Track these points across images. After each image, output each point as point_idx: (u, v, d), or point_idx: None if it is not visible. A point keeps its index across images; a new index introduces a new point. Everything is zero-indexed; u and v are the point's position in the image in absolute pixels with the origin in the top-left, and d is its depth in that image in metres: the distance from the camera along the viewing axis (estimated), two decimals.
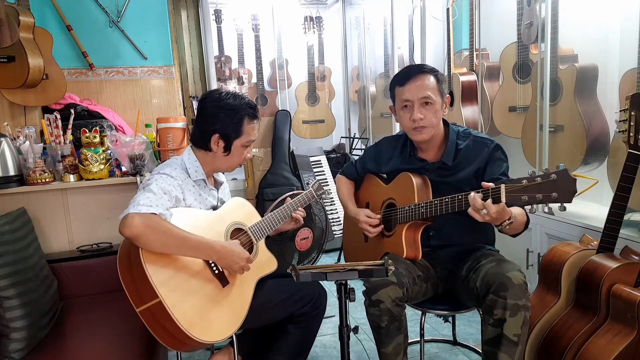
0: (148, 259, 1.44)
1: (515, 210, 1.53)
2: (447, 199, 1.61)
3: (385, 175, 2.00)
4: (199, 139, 1.71)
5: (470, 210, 1.47)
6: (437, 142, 1.80)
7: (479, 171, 1.75)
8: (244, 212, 1.82)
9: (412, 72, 1.74)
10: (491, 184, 1.45)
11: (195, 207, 1.68)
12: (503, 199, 1.42)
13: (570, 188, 1.34)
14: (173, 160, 1.73)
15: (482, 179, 1.70)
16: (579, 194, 1.37)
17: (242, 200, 1.87)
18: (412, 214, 1.73)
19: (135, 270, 1.44)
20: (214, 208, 1.78)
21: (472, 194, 1.46)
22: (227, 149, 1.70)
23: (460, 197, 1.56)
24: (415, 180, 1.76)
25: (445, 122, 1.82)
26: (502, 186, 1.43)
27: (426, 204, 1.68)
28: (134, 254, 1.45)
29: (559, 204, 1.39)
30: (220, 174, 1.90)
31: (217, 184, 1.85)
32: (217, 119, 1.66)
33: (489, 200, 1.42)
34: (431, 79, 1.72)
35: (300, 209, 1.92)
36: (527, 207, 1.43)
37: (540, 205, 2.26)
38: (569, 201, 1.36)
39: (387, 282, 1.60)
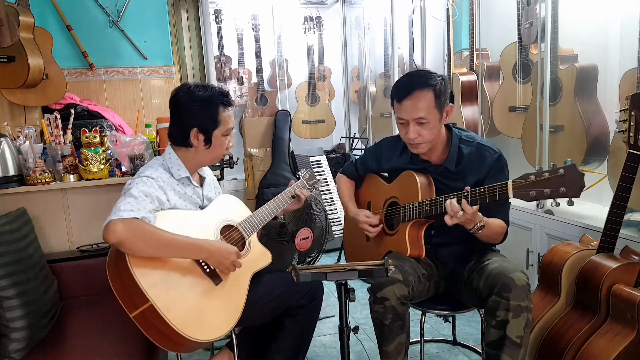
0: (135, 263, 1.42)
1: (493, 221, 1.64)
2: (452, 197, 1.60)
3: (386, 174, 2.00)
4: (178, 136, 1.68)
5: (446, 217, 1.56)
6: (439, 146, 1.79)
7: (479, 182, 1.74)
8: (232, 209, 1.82)
9: (412, 86, 1.67)
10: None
11: (181, 206, 1.66)
12: (510, 195, 1.46)
13: (579, 183, 1.36)
14: (154, 162, 1.70)
15: None
16: (586, 189, 1.38)
17: (230, 196, 1.87)
18: (416, 211, 1.73)
19: (124, 276, 1.43)
20: (201, 205, 1.77)
21: (449, 200, 1.54)
22: (208, 141, 1.67)
23: (466, 194, 1.56)
24: (419, 179, 1.76)
25: (447, 126, 1.81)
26: (510, 181, 1.44)
27: (430, 202, 1.67)
28: (121, 259, 1.43)
29: (567, 199, 1.40)
30: (205, 168, 1.87)
31: (202, 180, 1.83)
32: (192, 113, 1.64)
33: (464, 202, 1.52)
34: (428, 97, 1.65)
35: (304, 190, 1.95)
36: (534, 202, 1.44)
37: (540, 207, 2.26)
38: (577, 195, 1.37)
39: (394, 279, 1.60)
